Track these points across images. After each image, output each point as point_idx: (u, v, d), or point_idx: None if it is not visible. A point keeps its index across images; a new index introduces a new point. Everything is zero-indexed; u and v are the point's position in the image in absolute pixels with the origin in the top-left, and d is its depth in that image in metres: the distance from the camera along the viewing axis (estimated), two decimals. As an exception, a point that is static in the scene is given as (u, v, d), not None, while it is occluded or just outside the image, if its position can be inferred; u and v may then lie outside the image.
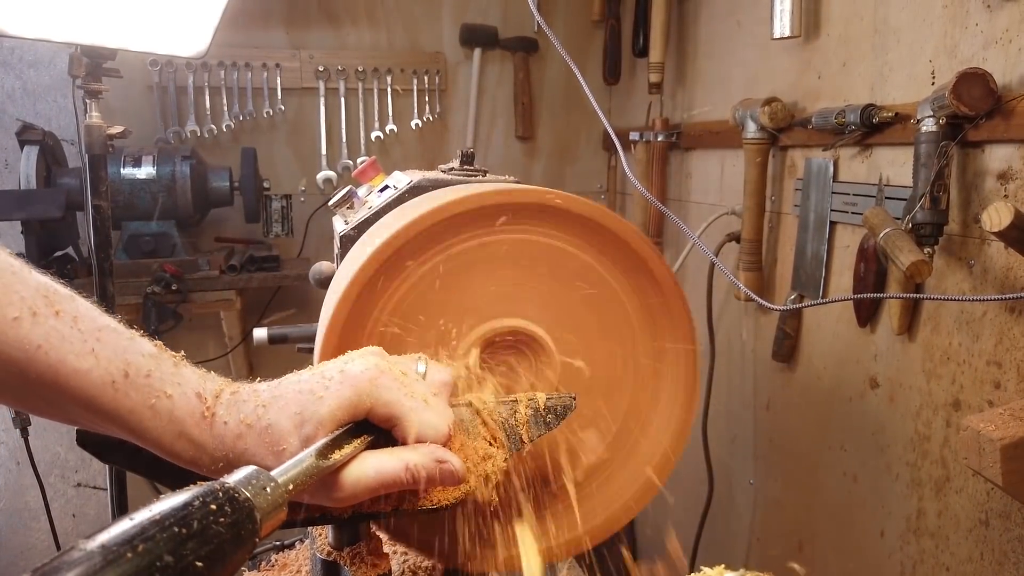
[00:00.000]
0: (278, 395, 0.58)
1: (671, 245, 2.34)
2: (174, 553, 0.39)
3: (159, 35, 1.49)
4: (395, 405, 0.59)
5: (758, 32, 1.82)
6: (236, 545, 0.42)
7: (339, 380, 0.59)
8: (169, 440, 0.55)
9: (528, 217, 0.75)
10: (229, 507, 0.43)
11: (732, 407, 2.02)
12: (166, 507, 0.41)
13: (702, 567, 0.64)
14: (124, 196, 2.14)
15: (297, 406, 0.58)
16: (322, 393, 0.58)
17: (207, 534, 0.41)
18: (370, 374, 0.59)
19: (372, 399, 0.59)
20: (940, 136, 1.16)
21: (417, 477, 0.59)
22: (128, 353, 0.54)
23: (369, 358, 0.61)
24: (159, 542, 0.38)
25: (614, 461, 0.80)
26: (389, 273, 0.72)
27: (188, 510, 0.41)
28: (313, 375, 0.60)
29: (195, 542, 0.40)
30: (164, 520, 0.40)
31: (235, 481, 0.46)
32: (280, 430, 0.57)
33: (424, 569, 0.95)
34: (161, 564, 0.38)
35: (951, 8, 1.24)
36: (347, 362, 0.61)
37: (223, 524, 0.42)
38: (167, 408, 0.55)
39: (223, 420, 0.56)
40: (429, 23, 2.63)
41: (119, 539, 0.38)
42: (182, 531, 0.40)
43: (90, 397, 0.52)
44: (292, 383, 0.60)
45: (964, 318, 1.23)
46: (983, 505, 1.20)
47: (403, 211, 0.80)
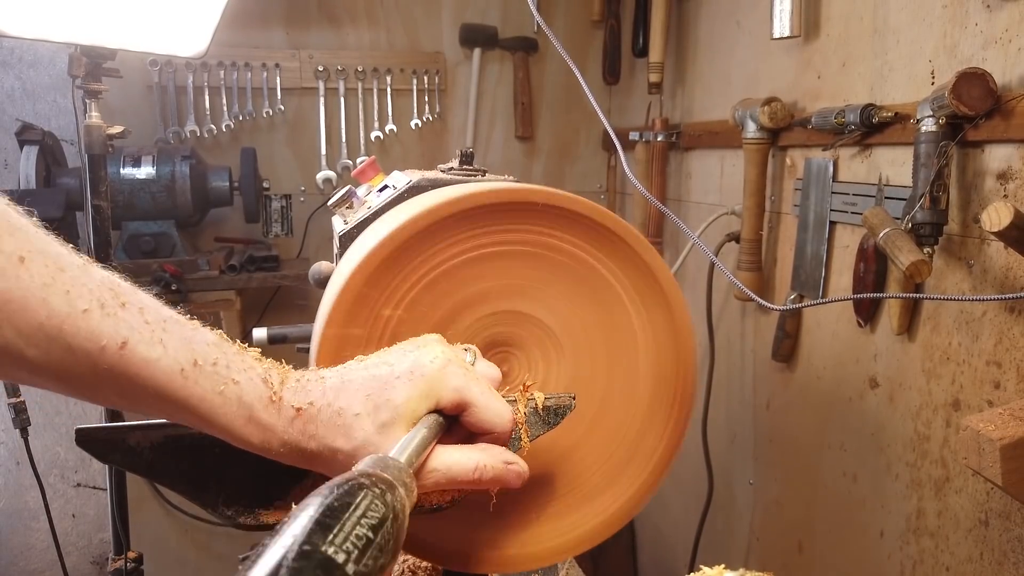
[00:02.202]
0: (347, 380, 0.59)
1: (671, 245, 2.34)
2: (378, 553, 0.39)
3: (159, 35, 1.49)
4: (465, 391, 0.61)
5: (758, 32, 1.82)
6: (402, 530, 0.43)
7: (409, 368, 0.60)
8: (239, 425, 0.56)
9: (528, 216, 0.75)
10: (390, 495, 0.43)
11: (732, 407, 2.02)
12: (336, 499, 0.40)
13: (702, 566, 0.64)
14: (124, 196, 2.14)
15: (369, 391, 0.59)
16: (394, 382, 0.59)
17: (385, 524, 0.41)
18: (440, 362, 0.61)
19: (443, 387, 0.60)
20: (940, 136, 1.16)
21: (484, 477, 0.60)
22: (194, 342, 0.55)
23: (435, 346, 0.63)
24: (356, 534, 0.39)
25: (613, 461, 0.80)
26: (388, 270, 0.72)
27: (361, 500, 0.41)
28: (380, 362, 0.61)
29: (380, 531, 0.40)
30: (347, 510, 0.40)
31: (374, 467, 0.46)
32: (352, 414, 0.58)
33: (424, 569, 0.95)
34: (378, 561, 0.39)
35: (951, 8, 1.24)
36: (412, 350, 0.62)
37: (391, 514, 0.42)
38: (235, 394, 0.55)
39: (291, 404, 0.57)
40: (429, 23, 2.63)
41: (319, 535, 0.37)
42: (366, 521, 0.40)
43: (160, 386, 0.53)
44: (359, 369, 0.61)
45: (964, 318, 1.23)
46: (983, 505, 1.20)
47: (402, 209, 0.80)
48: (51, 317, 0.48)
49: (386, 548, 0.40)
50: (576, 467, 0.79)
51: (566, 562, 1.09)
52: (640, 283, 0.79)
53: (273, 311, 2.56)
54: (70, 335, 0.49)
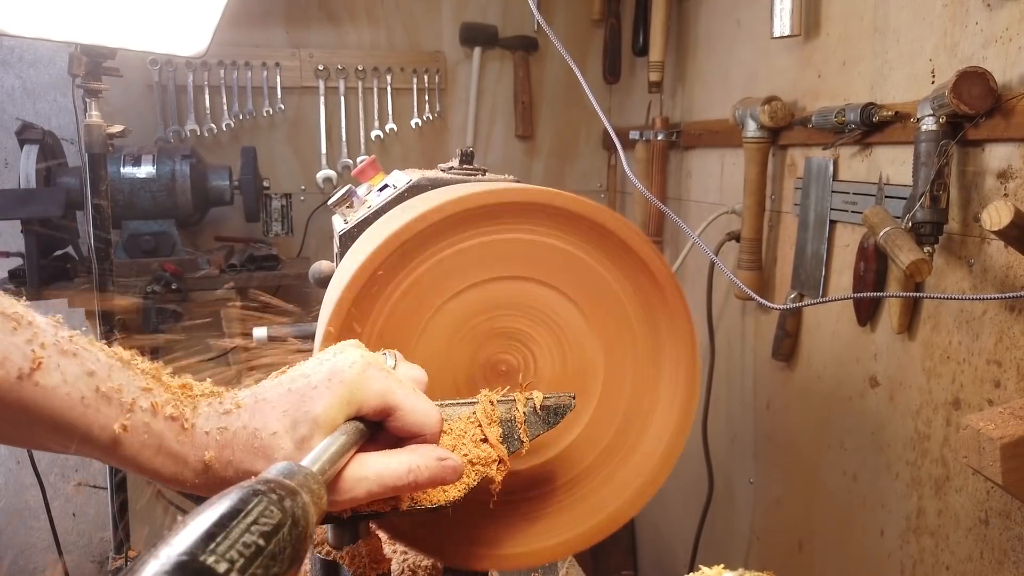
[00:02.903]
0: (261, 399, 0.56)
1: (671, 244, 2.34)
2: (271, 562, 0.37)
3: (159, 34, 1.49)
4: (388, 394, 0.58)
5: (758, 31, 1.82)
6: (303, 538, 0.41)
7: (327, 377, 0.57)
8: (148, 457, 0.52)
9: (528, 216, 0.75)
10: (289, 500, 0.41)
11: (732, 406, 2.02)
12: (227, 506, 0.38)
13: (701, 566, 0.64)
14: (124, 195, 2.14)
15: (287, 408, 0.55)
16: (311, 392, 0.56)
17: (281, 531, 0.39)
18: (359, 367, 0.58)
19: (364, 391, 0.57)
20: (940, 135, 1.16)
21: (419, 479, 0.58)
22: (94, 367, 0.51)
23: (352, 351, 0.60)
24: (243, 542, 0.36)
25: (613, 460, 0.80)
26: (390, 269, 0.72)
27: (254, 506, 0.39)
28: (297, 375, 0.58)
29: (274, 538, 0.38)
30: (236, 517, 0.37)
31: (278, 474, 0.44)
32: (268, 433, 0.55)
33: (424, 568, 0.95)
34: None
35: (951, 7, 1.23)
36: (329, 358, 0.59)
37: (288, 519, 0.40)
38: (142, 422, 0.52)
39: (203, 430, 0.54)
40: (429, 22, 2.63)
41: (200, 543, 0.35)
42: (256, 528, 0.38)
43: (57, 416, 0.49)
44: (274, 386, 0.57)
45: (964, 317, 1.23)
46: (983, 504, 1.20)
47: (404, 209, 0.80)
48: None
49: (280, 556, 0.38)
50: (576, 466, 0.79)
51: (566, 561, 1.09)
52: (640, 283, 0.79)
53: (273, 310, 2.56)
54: None
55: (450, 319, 0.75)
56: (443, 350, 0.75)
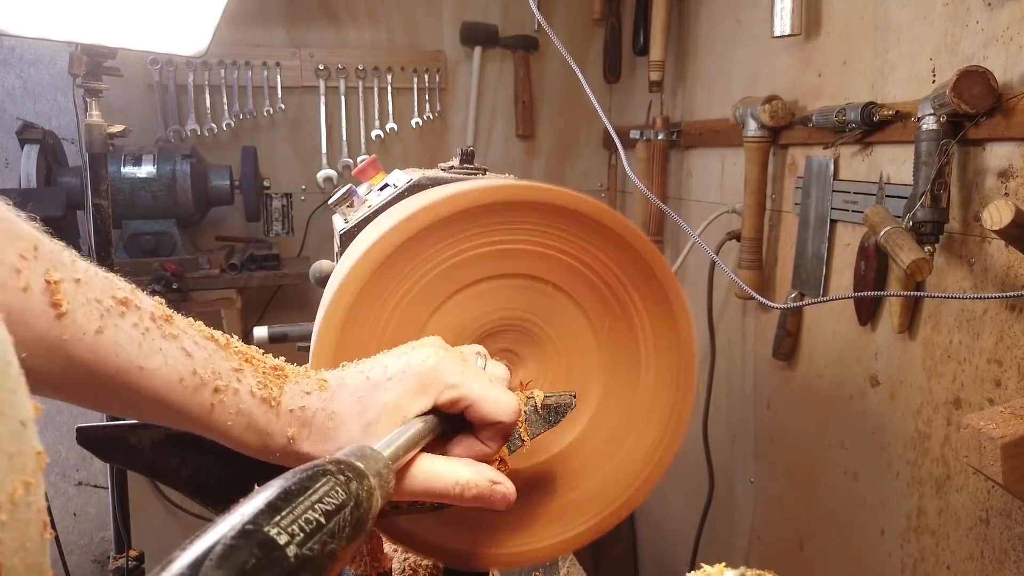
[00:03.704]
0: (343, 384, 0.59)
1: (671, 243, 2.34)
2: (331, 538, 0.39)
3: (159, 34, 1.49)
4: (462, 386, 0.60)
5: (758, 30, 1.82)
6: (363, 519, 0.43)
7: (401, 368, 0.59)
8: (239, 432, 0.56)
9: (528, 214, 0.75)
10: (355, 483, 0.43)
11: (732, 406, 2.02)
12: (297, 483, 0.40)
13: (702, 564, 0.64)
14: (124, 195, 2.14)
15: (360, 393, 0.58)
16: (385, 383, 0.59)
17: (343, 511, 0.41)
18: (432, 360, 0.60)
19: (437, 384, 0.59)
20: (941, 134, 1.16)
21: (465, 495, 0.59)
22: (192, 349, 0.55)
23: (428, 347, 0.62)
24: (306, 518, 0.38)
25: (613, 459, 0.80)
26: (389, 268, 0.72)
27: (321, 485, 0.41)
28: (376, 365, 0.61)
29: (335, 517, 0.40)
30: (303, 494, 0.39)
31: (349, 455, 0.46)
32: (342, 418, 0.58)
33: (424, 568, 0.95)
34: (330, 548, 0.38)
35: (952, 6, 1.23)
36: (407, 351, 0.61)
37: (351, 501, 0.42)
38: (234, 401, 0.56)
39: (288, 408, 0.57)
40: (429, 21, 2.63)
41: (265, 514, 0.37)
42: (320, 507, 0.40)
43: (159, 396, 0.53)
44: (355, 372, 0.60)
45: (965, 316, 1.23)
46: (984, 503, 1.20)
47: (401, 208, 0.80)
48: (51, 329, 0.47)
49: (339, 535, 0.40)
50: (576, 465, 0.79)
51: (567, 559, 1.09)
52: (641, 283, 0.79)
53: (274, 310, 2.56)
54: (70, 346, 0.49)
55: (449, 317, 0.75)
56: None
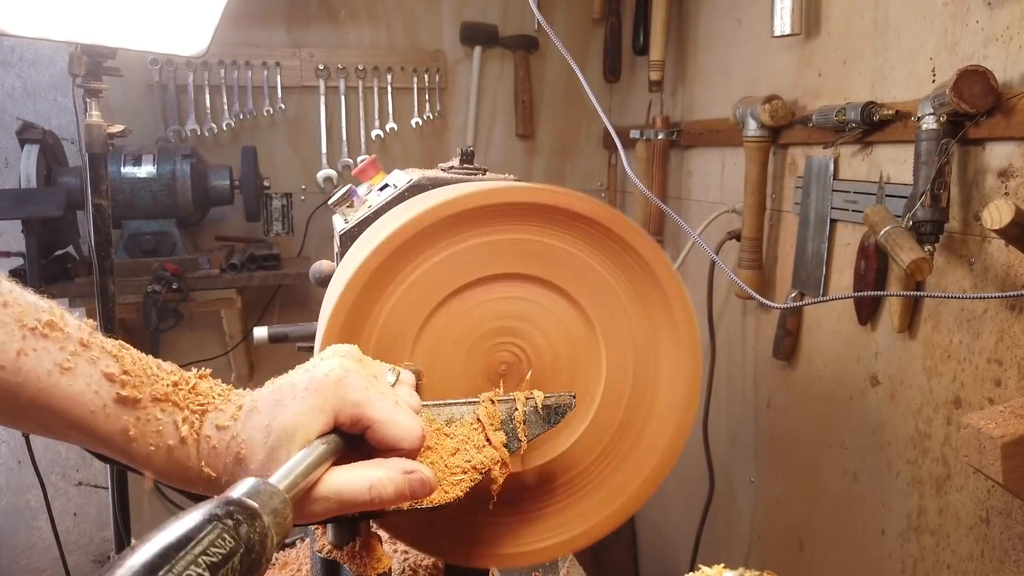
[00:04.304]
0: (254, 407, 0.56)
1: (671, 243, 2.34)
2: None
3: (159, 34, 1.49)
4: (364, 405, 0.56)
5: (758, 30, 1.82)
6: (256, 565, 0.41)
7: (304, 385, 0.56)
8: (160, 464, 0.55)
9: (529, 215, 0.75)
10: (246, 526, 0.41)
11: (733, 405, 2.02)
12: (180, 532, 0.38)
13: (701, 566, 0.64)
14: (124, 195, 2.14)
15: (267, 416, 0.55)
16: (288, 400, 0.55)
17: (231, 561, 0.39)
18: (336, 374, 0.56)
19: (339, 400, 0.55)
20: (941, 134, 1.16)
21: (383, 495, 0.55)
22: (117, 374, 0.54)
23: (335, 358, 0.58)
24: (187, 575, 0.36)
25: (613, 459, 0.80)
26: (390, 269, 0.72)
27: (206, 534, 0.39)
28: (286, 381, 0.57)
29: (221, 569, 0.38)
30: (185, 547, 0.37)
31: (241, 494, 0.44)
32: (251, 444, 0.55)
33: (425, 567, 0.95)
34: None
35: (952, 5, 1.23)
36: (315, 364, 0.58)
37: (241, 548, 0.40)
38: (156, 431, 0.54)
39: (207, 435, 0.55)
40: (429, 21, 2.63)
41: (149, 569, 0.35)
42: (205, 559, 0.38)
43: (80, 420, 0.52)
44: (267, 392, 0.57)
45: (965, 316, 1.23)
46: (984, 503, 1.20)
47: (403, 209, 0.80)
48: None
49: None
50: (576, 465, 0.79)
51: (567, 560, 1.09)
52: (644, 287, 0.79)
53: (274, 310, 2.56)
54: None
55: (449, 318, 0.75)
56: (442, 349, 0.75)
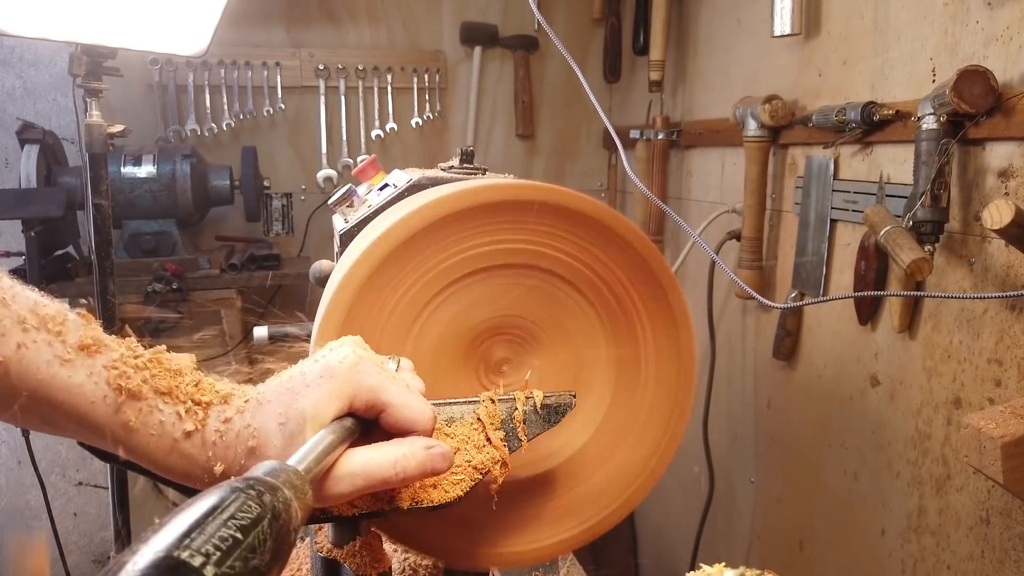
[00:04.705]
0: (263, 398, 0.57)
1: (671, 243, 2.34)
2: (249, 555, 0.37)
3: (159, 34, 1.49)
4: (379, 390, 0.58)
5: (758, 30, 1.82)
6: (285, 531, 0.41)
7: (318, 372, 0.57)
8: (162, 456, 0.55)
9: (528, 213, 0.75)
10: (269, 495, 0.41)
11: (733, 405, 2.02)
12: (205, 503, 0.38)
13: (701, 564, 0.64)
14: (124, 195, 2.14)
15: (280, 405, 0.56)
16: (303, 389, 0.56)
17: (260, 524, 0.39)
18: (349, 361, 0.58)
19: (354, 386, 0.57)
20: (941, 134, 1.16)
21: (408, 468, 0.57)
22: (119, 367, 0.54)
23: (346, 347, 0.60)
24: (220, 535, 0.36)
25: (612, 458, 0.80)
26: (387, 269, 0.72)
27: (231, 502, 0.39)
28: (295, 373, 0.59)
29: (252, 531, 0.38)
30: (212, 514, 0.37)
31: (259, 472, 0.44)
32: (266, 432, 0.56)
33: (424, 567, 0.95)
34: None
35: (952, 6, 1.23)
36: (325, 354, 0.59)
37: (268, 513, 0.40)
38: (158, 422, 0.54)
39: (213, 429, 0.56)
40: (429, 21, 2.63)
41: (175, 541, 0.35)
42: (234, 523, 0.38)
43: (82, 414, 0.52)
44: (275, 383, 0.58)
45: (965, 316, 1.23)
46: (984, 503, 1.20)
47: (400, 207, 0.80)
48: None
49: (261, 548, 0.38)
50: (576, 466, 0.79)
51: (567, 559, 1.09)
52: (642, 286, 0.79)
53: (274, 310, 2.56)
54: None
55: (450, 316, 0.75)
56: (441, 348, 0.75)
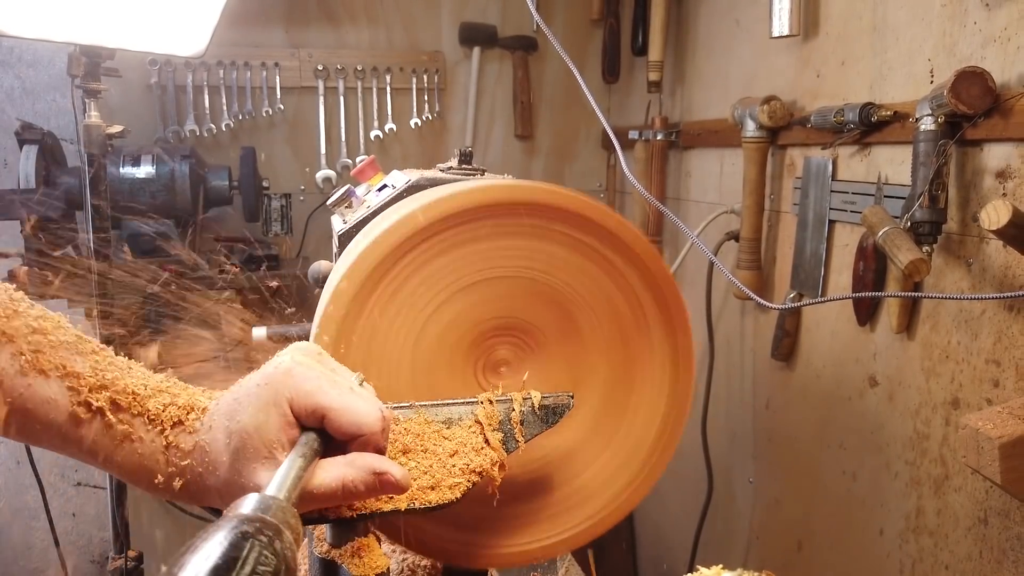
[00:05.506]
0: (218, 410, 0.57)
1: (670, 244, 2.34)
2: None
3: (158, 34, 1.49)
4: (316, 394, 0.55)
5: (757, 31, 1.82)
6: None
7: (256, 381, 0.56)
8: (130, 471, 0.56)
9: (526, 214, 0.75)
10: (279, 542, 0.41)
11: (731, 406, 2.02)
12: (221, 554, 0.37)
13: (699, 567, 0.64)
14: (123, 195, 2.13)
15: (226, 419, 0.56)
16: (244, 400, 0.55)
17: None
18: (285, 366, 0.56)
19: (290, 391, 0.55)
20: (939, 135, 1.16)
21: (355, 492, 0.55)
22: (97, 384, 0.54)
23: (287, 354, 0.58)
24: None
25: (611, 458, 0.80)
26: (387, 269, 0.72)
27: (248, 553, 0.38)
28: (244, 381, 0.58)
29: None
30: (234, 569, 0.37)
31: (256, 510, 0.44)
32: (216, 449, 0.55)
33: (423, 568, 0.95)
34: None
35: (950, 7, 1.24)
36: (270, 361, 0.58)
37: (283, 565, 0.40)
38: (128, 439, 0.55)
39: (177, 445, 0.56)
40: (428, 22, 2.63)
41: None
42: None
43: (59, 428, 0.53)
44: (228, 396, 0.58)
45: (963, 316, 1.23)
46: (982, 503, 1.20)
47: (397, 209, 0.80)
48: None
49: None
50: (573, 466, 0.79)
51: (565, 559, 1.09)
52: (641, 287, 0.79)
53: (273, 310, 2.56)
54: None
55: (448, 317, 0.75)
56: (441, 348, 0.75)
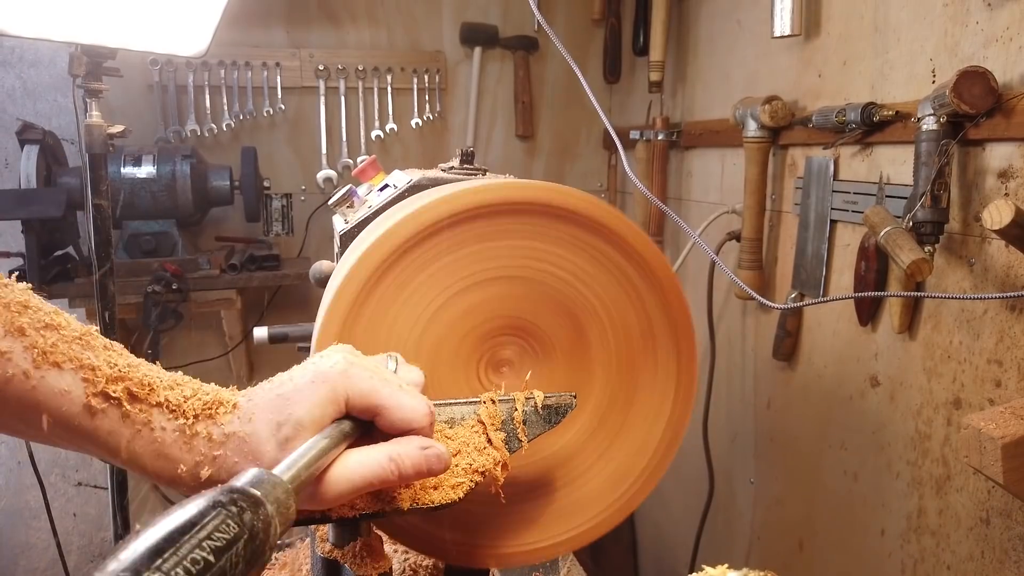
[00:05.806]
0: (254, 404, 0.58)
1: (671, 244, 2.34)
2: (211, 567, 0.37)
3: (159, 34, 1.49)
4: (372, 393, 0.58)
5: (758, 30, 1.82)
6: (260, 552, 0.41)
7: (311, 379, 0.58)
8: (148, 461, 0.55)
9: (527, 214, 0.75)
10: (250, 513, 0.41)
11: (732, 406, 2.02)
12: (185, 518, 0.38)
13: (704, 566, 0.64)
14: (124, 195, 2.14)
15: (272, 412, 0.57)
16: (294, 395, 0.57)
17: (235, 547, 0.39)
18: (340, 366, 0.59)
19: (347, 390, 0.58)
20: (941, 134, 1.16)
21: (403, 468, 0.58)
22: (104, 371, 0.54)
23: (337, 354, 0.61)
24: (192, 558, 0.36)
25: (612, 458, 0.80)
26: (387, 269, 0.72)
27: (211, 520, 0.39)
28: (285, 379, 0.59)
29: (226, 554, 0.38)
30: (189, 532, 0.37)
31: (244, 483, 0.44)
32: (258, 439, 0.56)
33: (425, 568, 0.95)
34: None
35: (952, 6, 1.23)
36: (316, 361, 0.60)
37: (245, 534, 0.40)
38: (144, 425, 0.54)
39: (203, 435, 0.56)
40: (429, 22, 2.63)
41: (145, 560, 0.35)
42: (209, 544, 0.37)
43: (67, 419, 0.52)
44: (266, 390, 0.59)
45: (965, 316, 1.23)
46: (984, 503, 1.20)
47: (400, 208, 0.80)
48: None
49: (231, 572, 0.37)
50: (575, 465, 0.79)
51: (567, 559, 1.09)
52: (643, 287, 0.79)
53: (274, 310, 2.56)
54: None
55: (450, 317, 0.75)
56: (443, 348, 0.75)
